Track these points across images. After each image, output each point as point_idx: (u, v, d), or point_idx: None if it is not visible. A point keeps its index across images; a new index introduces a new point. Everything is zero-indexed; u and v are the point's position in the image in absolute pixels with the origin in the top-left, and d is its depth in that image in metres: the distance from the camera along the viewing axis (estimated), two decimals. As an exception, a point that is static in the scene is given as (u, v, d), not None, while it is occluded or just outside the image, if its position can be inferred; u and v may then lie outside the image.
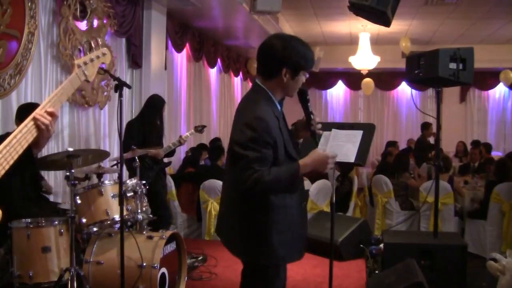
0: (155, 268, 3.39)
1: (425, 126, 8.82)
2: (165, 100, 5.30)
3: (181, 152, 7.69)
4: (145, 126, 4.99)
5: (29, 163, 1.90)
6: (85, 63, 1.96)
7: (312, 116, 2.35)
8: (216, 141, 7.83)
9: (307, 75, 2.30)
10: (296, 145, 2.46)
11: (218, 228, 2.49)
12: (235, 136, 2.22)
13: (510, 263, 3.53)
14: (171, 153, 5.29)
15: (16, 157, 1.61)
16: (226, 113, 10.18)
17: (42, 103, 1.77)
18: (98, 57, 2.03)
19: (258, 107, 2.20)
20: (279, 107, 2.32)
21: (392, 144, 9.92)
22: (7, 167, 1.58)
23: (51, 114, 1.75)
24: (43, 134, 1.74)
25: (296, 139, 2.49)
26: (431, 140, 8.87)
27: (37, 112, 1.72)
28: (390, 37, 10.42)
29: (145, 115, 5.09)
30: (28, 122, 1.69)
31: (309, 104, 2.36)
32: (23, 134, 1.65)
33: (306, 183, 5.79)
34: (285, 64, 2.20)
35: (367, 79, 11.45)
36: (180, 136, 5.21)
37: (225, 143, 8.95)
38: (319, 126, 2.36)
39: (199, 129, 5.37)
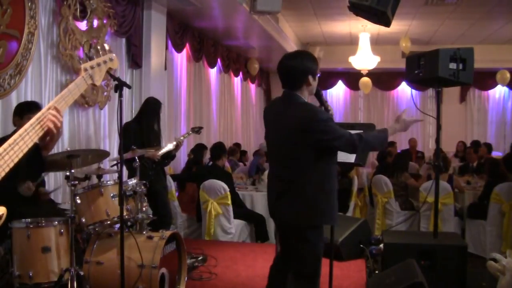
0: (155, 268, 3.38)
1: None
2: (161, 102, 5.22)
3: (182, 154, 7.67)
4: (143, 130, 4.93)
5: (38, 164, 1.87)
6: (92, 67, 1.98)
7: (326, 104, 3.09)
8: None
9: (319, 75, 2.99)
10: None
11: (275, 209, 2.95)
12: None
13: (510, 263, 3.53)
14: (171, 157, 5.19)
15: (21, 155, 1.62)
16: (226, 113, 10.16)
17: (47, 104, 1.76)
18: (105, 62, 2.05)
19: (308, 103, 2.89)
20: None
21: (390, 144, 9.88)
22: (11, 164, 1.59)
23: (57, 112, 1.75)
24: (53, 136, 1.75)
25: None
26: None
27: (49, 112, 1.72)
28: (390, 37, 10.42)
29: (142, 120, 5.01)
30: (34, 122, 1.69)
31: (323, 97, 3.11)
32: (28, 133, 1.66)
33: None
34: (308, 73, 2.87)
35: (365, 78, 11.54)
36: (176, 145, 5.08)
37: (227, 143, 8.97)
38: (332, 111, 3.11)
39: (196, 130, 5.30)
